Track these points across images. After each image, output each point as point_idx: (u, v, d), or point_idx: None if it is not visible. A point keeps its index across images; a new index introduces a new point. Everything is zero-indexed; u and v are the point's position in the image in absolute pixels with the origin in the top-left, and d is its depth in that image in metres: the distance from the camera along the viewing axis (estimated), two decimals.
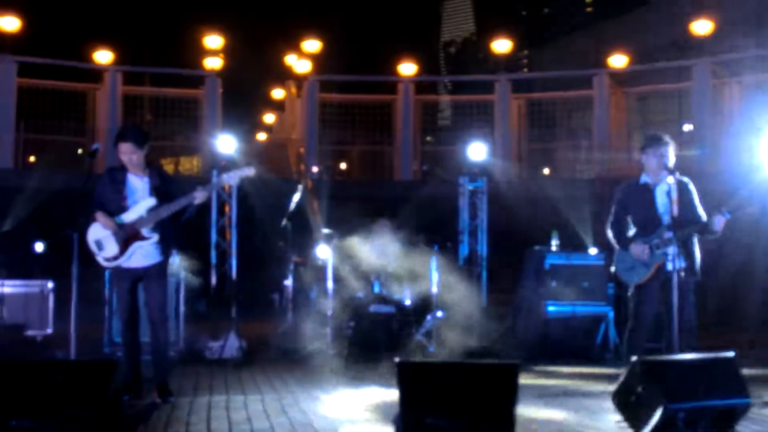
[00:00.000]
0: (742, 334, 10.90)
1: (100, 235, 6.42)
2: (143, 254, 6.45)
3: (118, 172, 6.56)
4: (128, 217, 6.41)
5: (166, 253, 6.55)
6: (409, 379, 4.99)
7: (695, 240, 6.56)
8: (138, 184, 6.51)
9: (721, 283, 11.84)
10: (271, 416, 5.78)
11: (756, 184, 6.78)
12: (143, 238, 6.40)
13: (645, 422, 5.08)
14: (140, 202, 6.45)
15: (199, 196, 6.43)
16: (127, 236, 6.38)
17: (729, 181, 13.71)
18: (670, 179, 6.44)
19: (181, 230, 6.79)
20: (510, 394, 4.87)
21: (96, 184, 6.59)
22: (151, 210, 6.42)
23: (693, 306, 6.54)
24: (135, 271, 6.48)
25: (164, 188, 6.55)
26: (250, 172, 6.68)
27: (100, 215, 6.38)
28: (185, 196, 6.46)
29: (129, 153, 6.46)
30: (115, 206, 6.43)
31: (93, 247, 6.47)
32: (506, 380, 4.93)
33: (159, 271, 6.53)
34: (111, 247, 6.40)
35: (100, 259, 6.50)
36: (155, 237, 6.43)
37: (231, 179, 6.71)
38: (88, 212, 6.41)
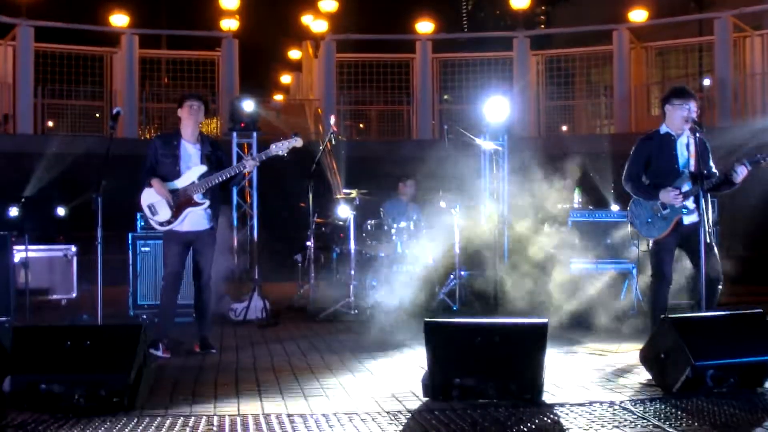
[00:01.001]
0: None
1: (153, 199, 6.67)
2: (195, 219, 6.70)
3: (173, 137, 6.81)
4: (181, 183, 6.66)
5: (215, 218, 6.81)
6: (437, 338, 4.98)
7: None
8: (191, 150, 6.76)
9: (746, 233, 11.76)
10: (299, 377, 5.80)
11: None
12: (196, 204, 6.66)
13: (673, 380, 5.07)
14: (192, 169, 6.69)
15: (249, 165, 6.71)
16: (180, 201, 6.63)
17: (744, 135, 13.65)
18: (690, 132, 6.40)
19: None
20: (538, 354, 4.85)
21: (147, 149, 6.85)
22: (202, 176, 6.66)
23: (718, 259, 6.49)
24: (187, 235, 6.74)
25: (214, 155, 6.81)
26: (297, 143, 6.85)
27: (155, 181, 6.62)
28: (236, 164, 6.74)
29: (198, 107, 6.76)
30: (168, 171, 6.68)
31: (146, 211, 6.73)
32: (535, 339, 4.91)
33: (210, 236, 6.83)
34: (164, 212, 6.65)
35: (153, 222, 6.76)
36: (206, 203, 6.68)
37: (280, 149, 6.83)
38: (140, 177, 6.68)
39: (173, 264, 6.74)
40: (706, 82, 18.20)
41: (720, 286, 6.44)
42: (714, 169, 6.57)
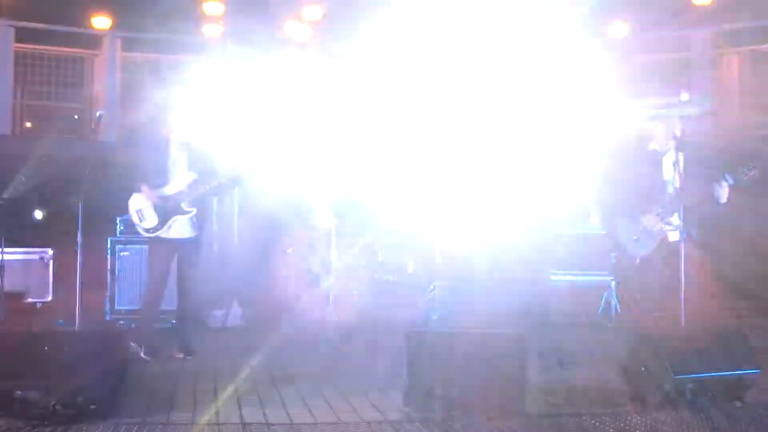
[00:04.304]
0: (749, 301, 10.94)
1: (141, 205, 6.60)
2: (181, 227, 6.63)
3: (162, 144, 6.69)
4: (169, 190, 6.59)
5: (202, 226, 6.78)
6: (417, 348, 4.97)
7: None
8: (180, 157, 6.66)
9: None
10: (278, 385, 5.76)
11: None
12: (183, 212, 6.58)
13: (654, 393, 5.08)
14: (181, 176, 6.61)
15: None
16: (168, 209, 6.55)
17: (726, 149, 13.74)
18: (676, 149, 6.46)
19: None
20: (520, 363, 4.85)
21: (137, 153, 6.76)
22: (191, 184, 6.59)
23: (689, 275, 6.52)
24: (174, 243, 6.67)
25: (203, 163, 6.70)
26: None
27: (145, 187, 6.53)
28: (226, 174, 6.64)
29: None
30: (156, 177, 6.59)
31: (134, 216, 6.64)
32: (516, 349, 4.91)
33: (196, 243, 6.77)
34: (151, 218, 6.58)
35: (140, 228, 6.68)
36: (194, 210, 6.62)
37: None
38: (130, 181, 6.60)
39: (159, 271, 6.70)
40: (685, 97, 18.37)
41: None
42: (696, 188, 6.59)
